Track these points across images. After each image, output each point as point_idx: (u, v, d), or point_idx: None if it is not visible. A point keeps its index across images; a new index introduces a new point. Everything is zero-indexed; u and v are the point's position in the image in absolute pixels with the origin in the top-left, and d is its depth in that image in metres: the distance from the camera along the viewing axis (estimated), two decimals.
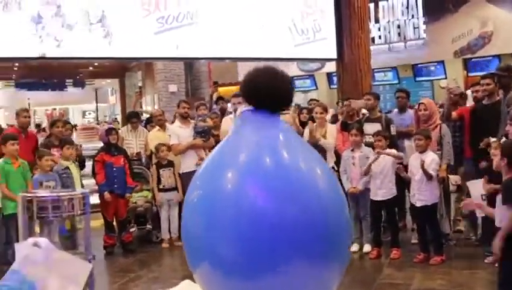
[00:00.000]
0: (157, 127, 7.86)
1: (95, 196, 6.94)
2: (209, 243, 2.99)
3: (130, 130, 7.96)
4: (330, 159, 6.72)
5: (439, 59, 16.71)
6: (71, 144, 6.95)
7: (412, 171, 6.01)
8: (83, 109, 29.93)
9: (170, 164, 7.23)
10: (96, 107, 28.53)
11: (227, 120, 7.23)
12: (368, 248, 6.35)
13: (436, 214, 6.00)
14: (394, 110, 7.85)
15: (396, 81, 17.50)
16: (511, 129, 4.62)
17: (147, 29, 9.14)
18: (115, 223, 7.08)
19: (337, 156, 6.85)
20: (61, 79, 24.35)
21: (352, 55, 10.93)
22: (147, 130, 8.28)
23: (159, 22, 9.24)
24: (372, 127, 6.70)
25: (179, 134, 7.23)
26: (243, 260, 2.91)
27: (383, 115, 7.18)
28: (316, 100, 10.31)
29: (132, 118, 8.17)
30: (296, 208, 2.87)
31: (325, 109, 7.30)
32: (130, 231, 7.11)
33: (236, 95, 6.78)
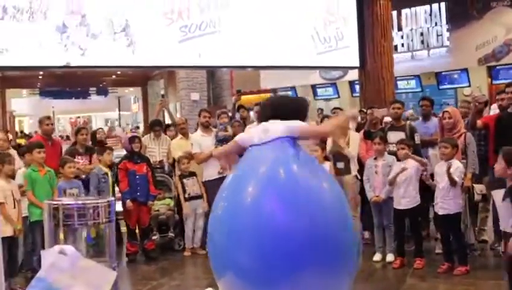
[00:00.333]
0: (180, 136, 7.89)
1: (118, 203, 6.99)
2: (232, 253, 3.23)
3: (153, 138, 8.00)
4: (353, 167, 6.70)
5: (463, 67, 16.46)
6: (111, 150, 7.20)
7: (437, 180, 5.94)
8: (106, 117, 30.20)
9: (192, 174, 7.29)
10: (119, 115, 28.77)
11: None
12: (391, 257, 6.30)
13: (459, 223, 5.92)
14: (418, 119, 7.78)
15: (419, 89, 17.31)
16: None
17: (169, 38, 9.22)
18: (137, 230, 7.13)
19: (360, 165, 6.82)
20: (84, 87, 24.57)
21: (375, 64, 10.91)
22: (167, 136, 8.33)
23: (182, 30, 9.32)
24: (395, 136, 6.65)
25: (201, 143, 7.26)
26: (261, 269, 3.13)
27: (407, 123, 7.13)
28: (340, 109, 10.27)
29: (155, 126, 8.21)
30: (307, 221, 3.19)
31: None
32: (152, 239, 7.13)
33: (259, 104, 6.78)
